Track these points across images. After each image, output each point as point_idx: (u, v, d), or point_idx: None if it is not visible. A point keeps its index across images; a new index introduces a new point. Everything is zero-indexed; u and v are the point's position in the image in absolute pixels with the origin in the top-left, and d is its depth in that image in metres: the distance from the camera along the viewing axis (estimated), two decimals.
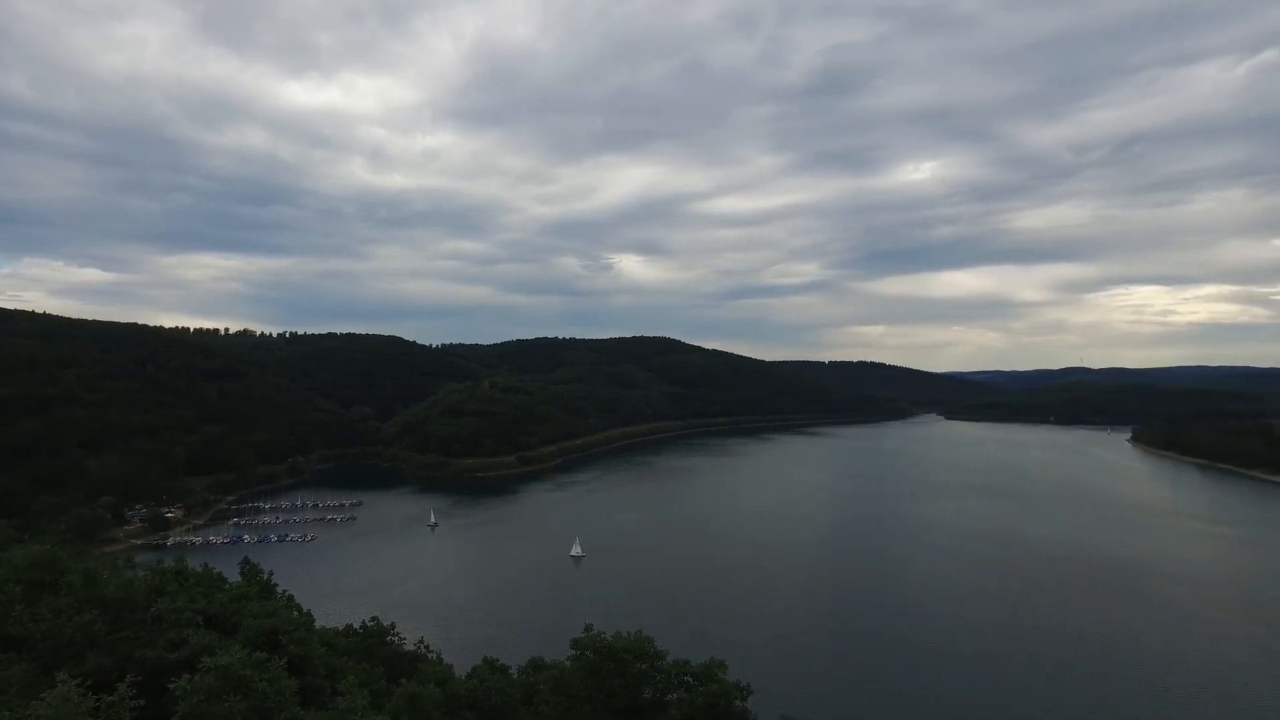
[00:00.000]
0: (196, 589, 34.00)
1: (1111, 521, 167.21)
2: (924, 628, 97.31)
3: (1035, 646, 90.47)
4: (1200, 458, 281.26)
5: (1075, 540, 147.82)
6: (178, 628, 28.02)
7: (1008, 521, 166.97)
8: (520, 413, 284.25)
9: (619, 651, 33.31)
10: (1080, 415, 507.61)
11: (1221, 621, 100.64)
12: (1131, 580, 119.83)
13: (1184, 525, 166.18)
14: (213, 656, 21.20)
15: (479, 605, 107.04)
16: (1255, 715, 73.20)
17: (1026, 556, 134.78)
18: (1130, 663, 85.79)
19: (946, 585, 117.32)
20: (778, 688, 69.09)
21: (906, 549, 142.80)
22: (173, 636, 27.33)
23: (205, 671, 20.36)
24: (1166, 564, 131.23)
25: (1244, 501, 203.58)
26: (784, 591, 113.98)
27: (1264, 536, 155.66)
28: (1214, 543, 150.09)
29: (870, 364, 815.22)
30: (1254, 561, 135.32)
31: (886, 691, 77.85)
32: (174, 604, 30.12)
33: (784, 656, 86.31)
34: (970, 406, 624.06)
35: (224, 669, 20.24)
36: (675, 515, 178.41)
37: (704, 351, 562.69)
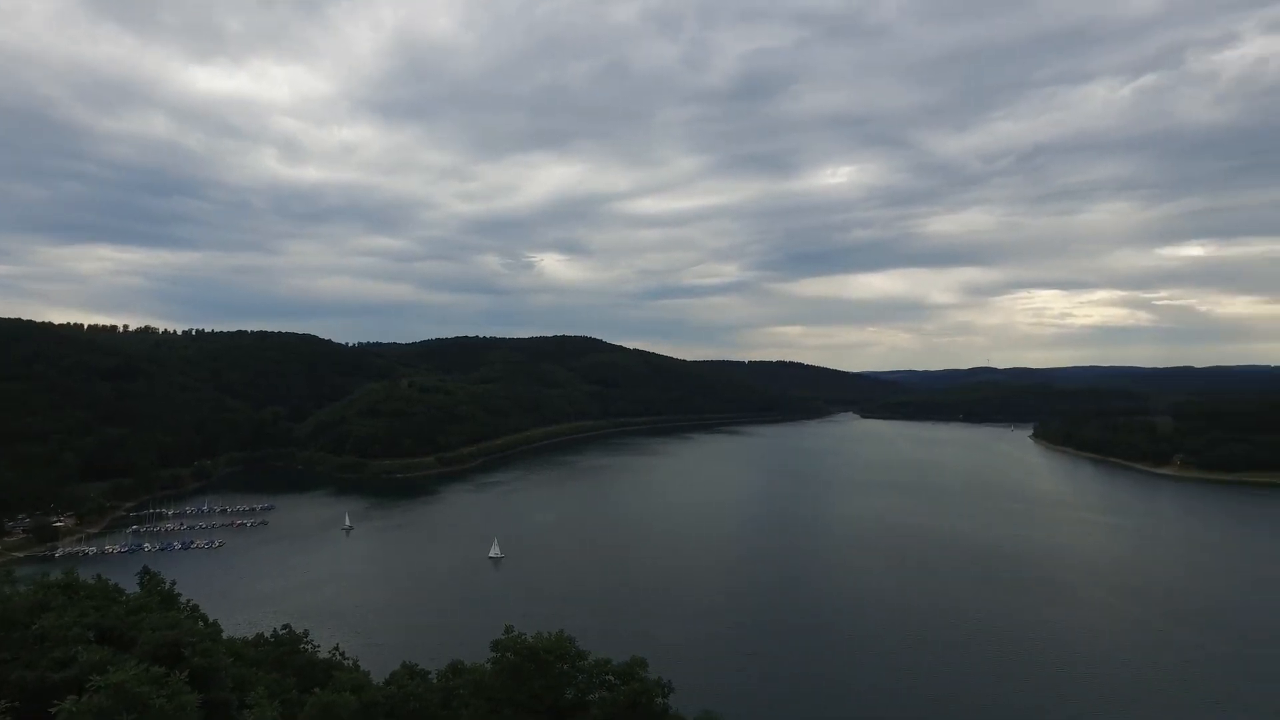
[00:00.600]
0: (88, 602, 31.82)
1: (1015, 514, 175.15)
2: (842, 619, 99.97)
3: (948, 632, 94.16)
4: (1093, 452, 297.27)
5: (982, 532, 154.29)
6: (65, 645, 26.06)
7: (920, 516, 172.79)
8: (440, 413, 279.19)
9: (540, 652, 32.91)
10: (987, 413, 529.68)
11: (1109, 603, 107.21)
12: (1032, 568, 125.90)
13: (1077, 515, 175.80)
14: (104, 674, 19.84)
15: (397, 609, 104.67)
16: (1139, 684, 78.47)
17: (938, 548, 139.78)
18: (1033, 643, 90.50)
19: (863, 577, 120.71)
20: (700, 683, 69.71)
21: (824, 543, 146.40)
22: (59, 655, 25.39)
23: (95, 691, 18.97)
24: (1062, 552, 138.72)
25: (1129, 492, 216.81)
26: (705, 588, 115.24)
27: (1144, 525, 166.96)
28: (1103, 531, 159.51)
29: (789, 364, 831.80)
30: (1136, 547, 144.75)
31: (805, 681, 79.56)
32: (61, 620, 27.98)
33: (706, 652, 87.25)
34: (885, 405, 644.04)
35: (117, 687, 18.93)
36: (597, 514, 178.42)
37: (625, 351, 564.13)
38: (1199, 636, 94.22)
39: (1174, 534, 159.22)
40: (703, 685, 69.91)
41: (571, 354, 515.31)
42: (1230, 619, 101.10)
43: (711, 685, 72.96)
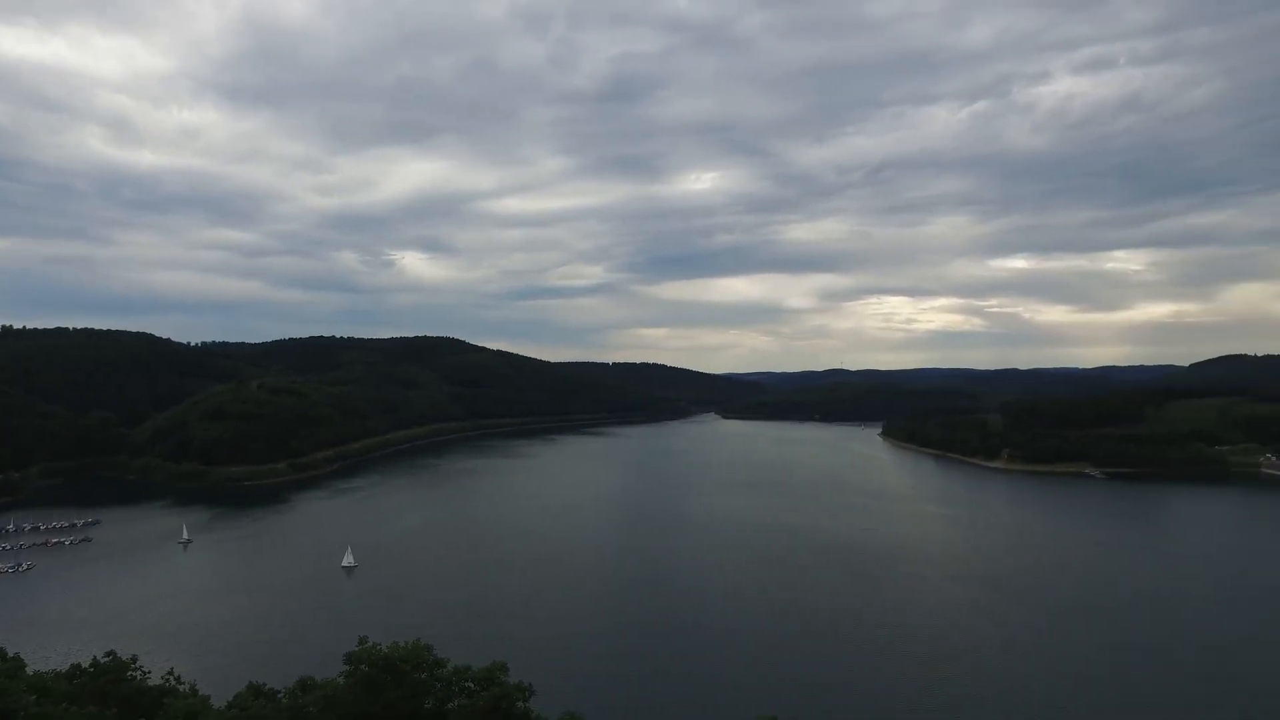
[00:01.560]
0: None
1: (866, 508, 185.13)
2: (705, 615, 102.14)
3: (807, 623, 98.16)
4: (934, 448, 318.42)
5: (837, 527, 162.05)
6: None
7: (779, 512, 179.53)
8: (293, 415, 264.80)
9: (396, 662, 31.84)
10: (840, 413, 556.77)
11: (948, 588, 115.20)
12: (881, 559, 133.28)
13: (921, 509, 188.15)
14: None
15: (240, 627, 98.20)
16: (977, 659, 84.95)
17: (796, 543, 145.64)
18: (884, 628, 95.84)
19: (726, 574, 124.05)
20: (563, 685, 69.50)
21: (688, 542, 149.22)
22: None
23: None
24: (907, 542, 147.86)
25: (964, 485, 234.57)
26: (570, 589, 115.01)
27: (977, 515, 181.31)
28: (942, 522, 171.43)
29: (653, 365, 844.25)
30: (969, 536, 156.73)
31: (670, 679, 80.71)
32: None
33: (570, 654, 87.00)
34: (745, 406, 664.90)
35: None
36: (458, 518, 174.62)
37: (489, 352, 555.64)
38: (1023, 611, 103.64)
39: (1001, 522, 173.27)
40: (566, 687, 69.70)
41: (434, 355, 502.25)
42: (1045, 594, 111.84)
43: (575, 687, 72.85)
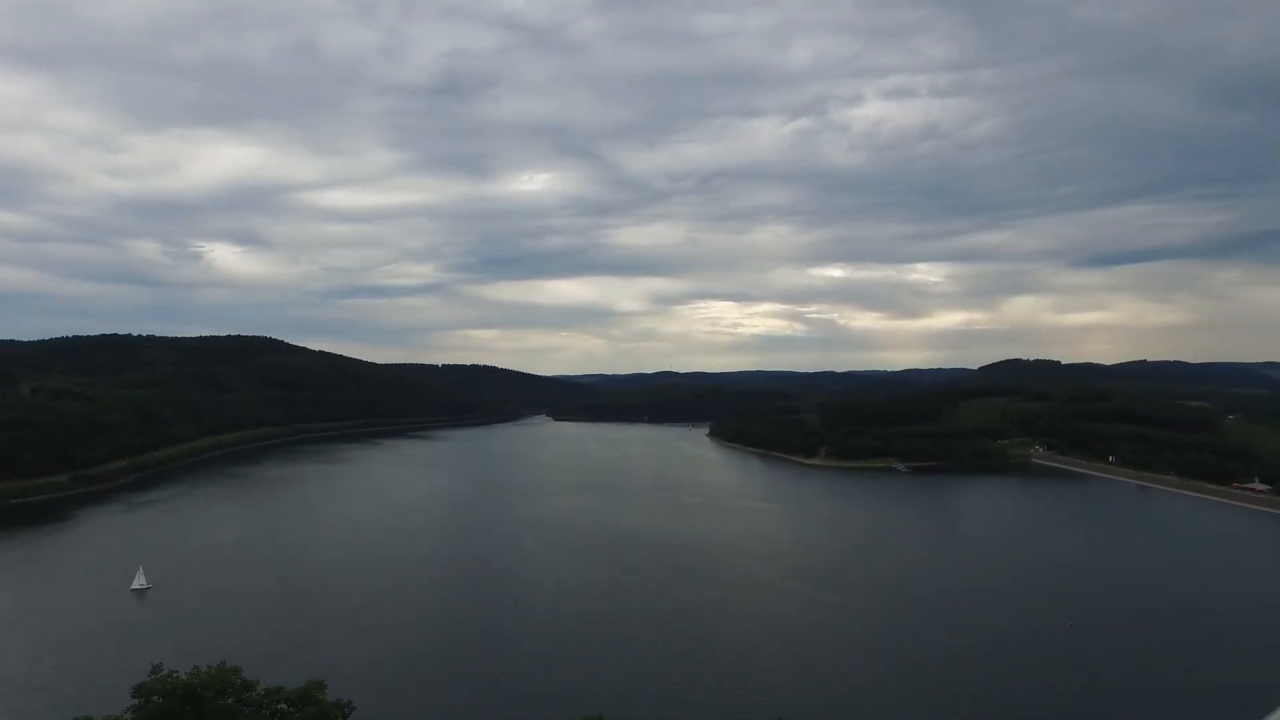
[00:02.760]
0: None
1: (695, 506, 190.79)
2: (535, 622, 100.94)
3: (638, 627, 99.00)
4: (759, 447, 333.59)
5: (666, 526, 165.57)
6: None
7: (610, 513, 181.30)
8: (78, 422, 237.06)
9: (197, 689, 29.01)
10: (669, 414, 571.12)
11: (777, 583, 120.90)
12: (712, 557, 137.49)
13: (746, 505, 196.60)
14: None
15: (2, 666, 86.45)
16: (806, 655, 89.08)
17: (626, 544, 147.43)
18: (716, 629, 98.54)
19: (554, 578, 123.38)
20: (386, 701, 66.49)
21: (516, 546, 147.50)
22: None
23: None
24: (736, 539, 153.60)
25: (786, 482, 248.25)
26: (394, 601, 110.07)
27: (798, 509, 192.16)
28: (767, 518, 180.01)
29: (484, 367, 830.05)
30: (791, 529, 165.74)
31: (495, 689, 79.08)
32: None
33: (393, 668, 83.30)
34: (576, 407, 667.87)
35: None
36: (274, 529, 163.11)
37: (311, 353, 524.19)
38: (840, 597, 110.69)
39: (819, 515, 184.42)
40: (388, 703, 66.79)
41: (249, 355, 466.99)
42: (859, 580, 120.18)
43: (399, 702, 69.97)
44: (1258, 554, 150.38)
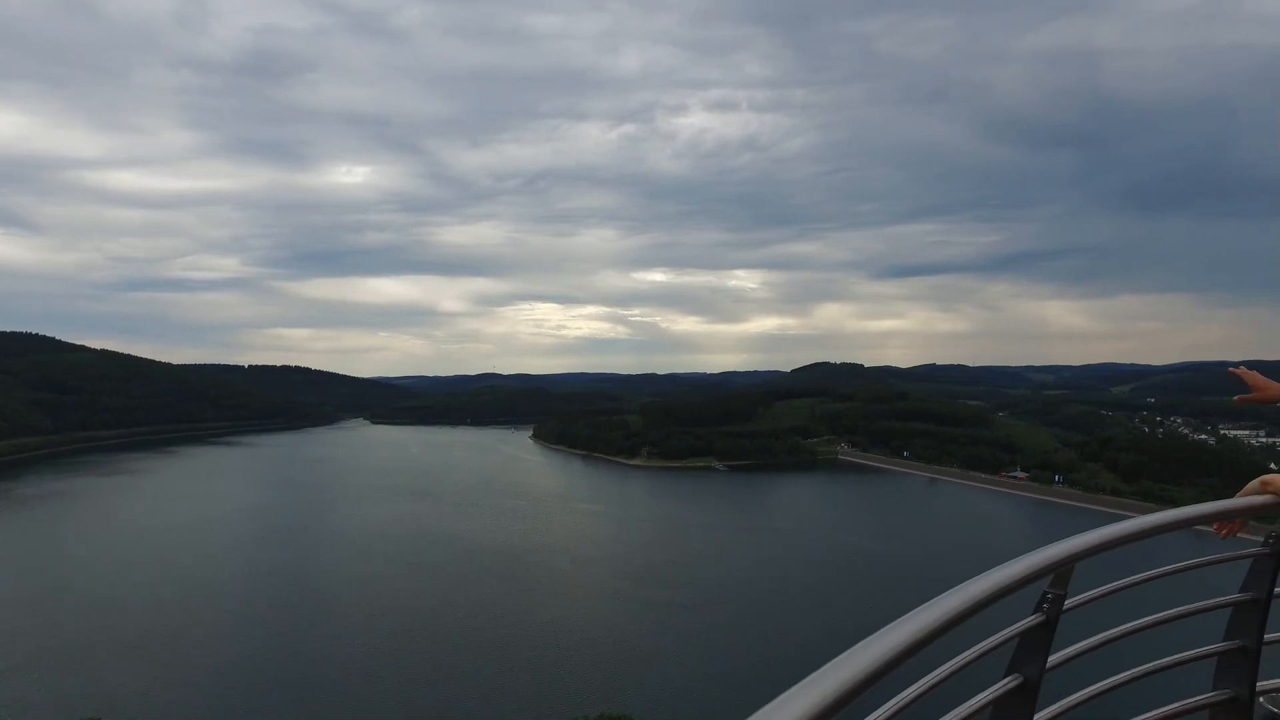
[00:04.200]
0: None
1: (519, 510, 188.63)
2: (351, 635, 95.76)
3: (459, 635, 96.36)
4: (582, 449, 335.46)
5: (489, 529, 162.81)
6: None
7: (431, 518, 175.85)
8: None
9: None
10: (493, 416, 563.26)
11: (600, 582, 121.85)
12: (537, 560, 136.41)
13: (570, 506, 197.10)
14: None
15: None
16: (633, 653, 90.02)
17: (449, 549, 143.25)
18: (539, 633, 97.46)
19: (371, 588, 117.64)
20: None
21: (330, 556, 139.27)
22: None
23: None
24: (561, 542, 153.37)
25: (609, 482, 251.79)
26: (192, 623, 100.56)
27: (622, 510, 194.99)
28: (591, 519, 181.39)
29: (296, 368, 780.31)
30: (618, 531, 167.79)
31: (312, 707, 74.20)
32: None
33: (187, 698, 76.06)
34: (397, 410, 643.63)
35: None
36: (38, 554, 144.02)
37: (91, 352, 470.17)
38: (665, 593, 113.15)
39: (642, 515, 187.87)
40: None
41: (9, 354, 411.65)
42: (681, 577, 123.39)
43: None
44: (1008, 530, 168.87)
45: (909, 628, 2.61)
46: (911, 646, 2.58)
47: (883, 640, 2.48)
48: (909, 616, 2.69)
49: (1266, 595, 4.35)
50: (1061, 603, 3.62)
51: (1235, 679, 4.40)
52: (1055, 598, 3.60)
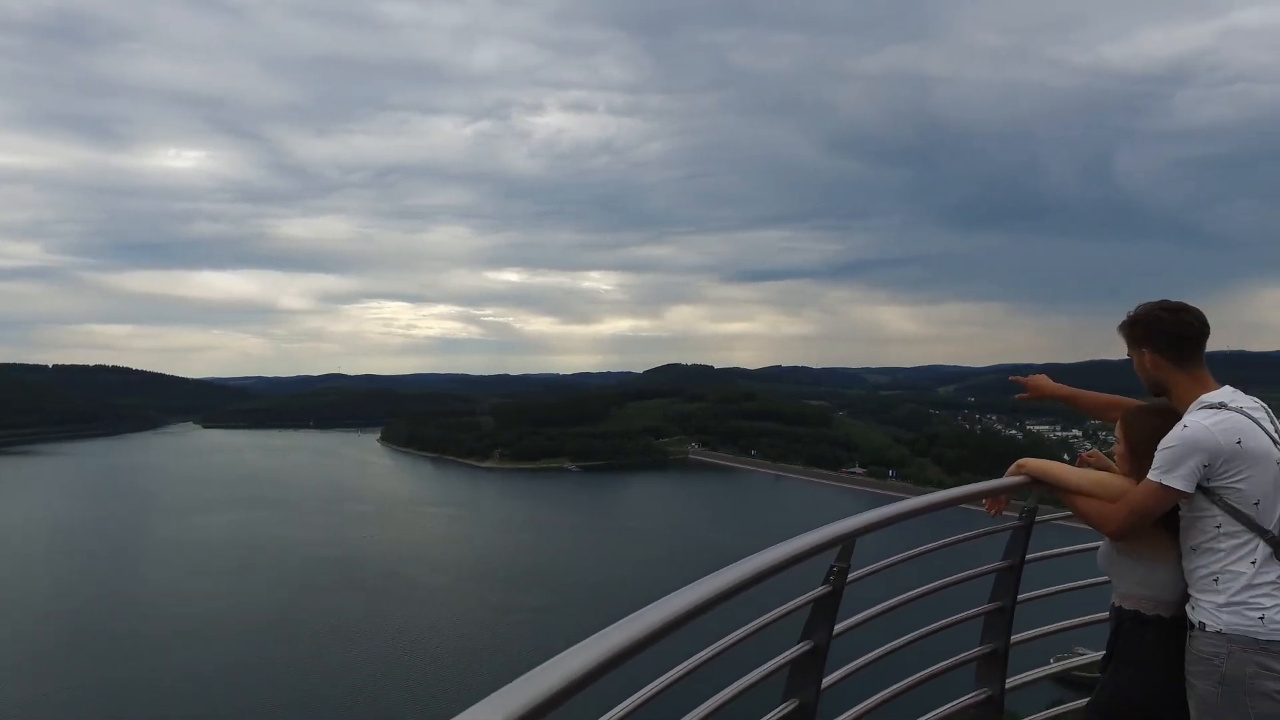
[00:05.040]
0: None
1: (365, 515, 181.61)
2: (181, 654, 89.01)
3: (296, 650, 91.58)
4: (433, 451, 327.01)
5: (335, 536, 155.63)
6: None
7: (270, 527, 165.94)
8: None
9: None
10: (338, 419, 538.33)
11: (448, 586, 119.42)
12: (387, 567, 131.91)
13: (420, 510, 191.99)
14: None
15: None
16: (479, 655, 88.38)
17: (290, 559, 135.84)
18: (390, 646, 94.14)
19: (204, 606, 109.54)
20: None
21: (156, 571, 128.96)
22: None
23: None
24: (409, 546, 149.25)
25: (461, 485, 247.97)
26: None
27: (473, 513, 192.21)
28: (441, 522, 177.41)
29: (113, 368, 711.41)
30: (468, 533, 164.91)
31: None
32: None
33: None
34: (231, 413, 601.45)
35: None
36: None
37: None
38: (519, 597, 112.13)
39: (493, 517, 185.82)
40: None
41: None
42: (534, 579, 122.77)
43: None
44: None
45: (704, 589, 2.96)
46: (705, 604, 2.90)
47: (678, 599, 2.77)
48: (706, 579, 3.03)
49: (1020, 560, 4.93)
50: (845, 574, 3.89)
51: (996, 634, 4.97)
52: (840, 570, 3.88)
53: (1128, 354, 4.15)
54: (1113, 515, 3.81)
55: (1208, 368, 4.00)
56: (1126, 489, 3.88)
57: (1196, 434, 3.57)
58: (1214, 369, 3.78)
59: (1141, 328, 4.02)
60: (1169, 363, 3.91)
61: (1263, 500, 3.47)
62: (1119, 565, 4.07)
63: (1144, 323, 4.01)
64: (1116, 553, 4.06)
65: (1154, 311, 3.97)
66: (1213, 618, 3.50)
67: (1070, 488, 4.15)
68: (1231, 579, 3.49)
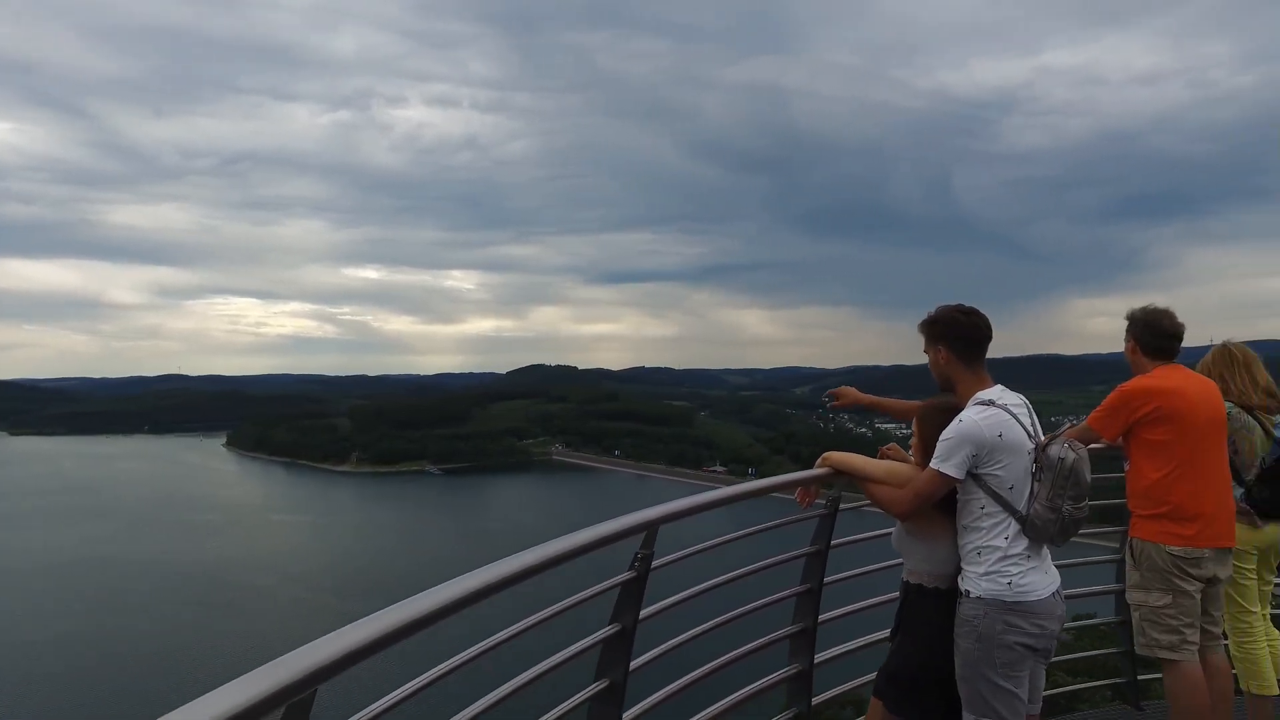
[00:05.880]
0: None
1: (210, 525, 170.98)
2: None
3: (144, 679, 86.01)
4: (285, 456, 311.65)
5: (175, 550, 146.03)
6: None
7: (98, 544, 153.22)
8: None
9: None
10: (177, 423, 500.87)
11: (303, 597, 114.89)
12: (234, 579, 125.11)
13: (272, 518, 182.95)
14: None
15: None
16: None
17: (124, 577, 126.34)
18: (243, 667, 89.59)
19: (20, 632, 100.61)
20: None
21: None
22: None
23: None
24: (261, 556, 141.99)
25: (315, 490, 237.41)
26: None
27: (329, 519, 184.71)
28: (295, 530, 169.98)
29: None
30: (322, 541, 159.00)
31: None
32: None
33: None
34: (48, 418, 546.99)
35: None
36: None
37: None
38: (373, 603, 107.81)
39: (351, 522, 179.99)
40: None
41: None
42: (389, 585, 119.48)
43: None
44: None
45: (509, 565, 3.22)
46: (507, 580, 3.15)
47: (483, 574, 3.09)
48: (515, 557, 3.22)
49: (826, 546, 5.34)
50: (650, 560, 4.13)
51: (806, 614, 5.40)
52: (644, 556, 4.13)
53: (924, 350, 4.58)
54: (900, 500, 4.37)
55: (988, 370, 4.55)
56: (914, 477, 4.43)
57: (968, 428, 4.10)
58: (1031, 370, 4.96)
59: (940, 327, 4.44)
60: (959, 361, 4.40)
61: (1016, 485, 4.10)
62: (908, 545, 4.57)
63: (943, 322, 4.43)
64: (906, 534, 4.56)
65: (952, 313, 4.41)
66: (975, 585, 4.11)
67: (867, 477, 4.60)
68: (990, 552, 4.09)
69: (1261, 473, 5.84)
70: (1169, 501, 5.29)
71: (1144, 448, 5.49)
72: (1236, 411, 5.88)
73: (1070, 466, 4.09)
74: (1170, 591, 5.18)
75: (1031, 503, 4.16)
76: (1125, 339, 5.93)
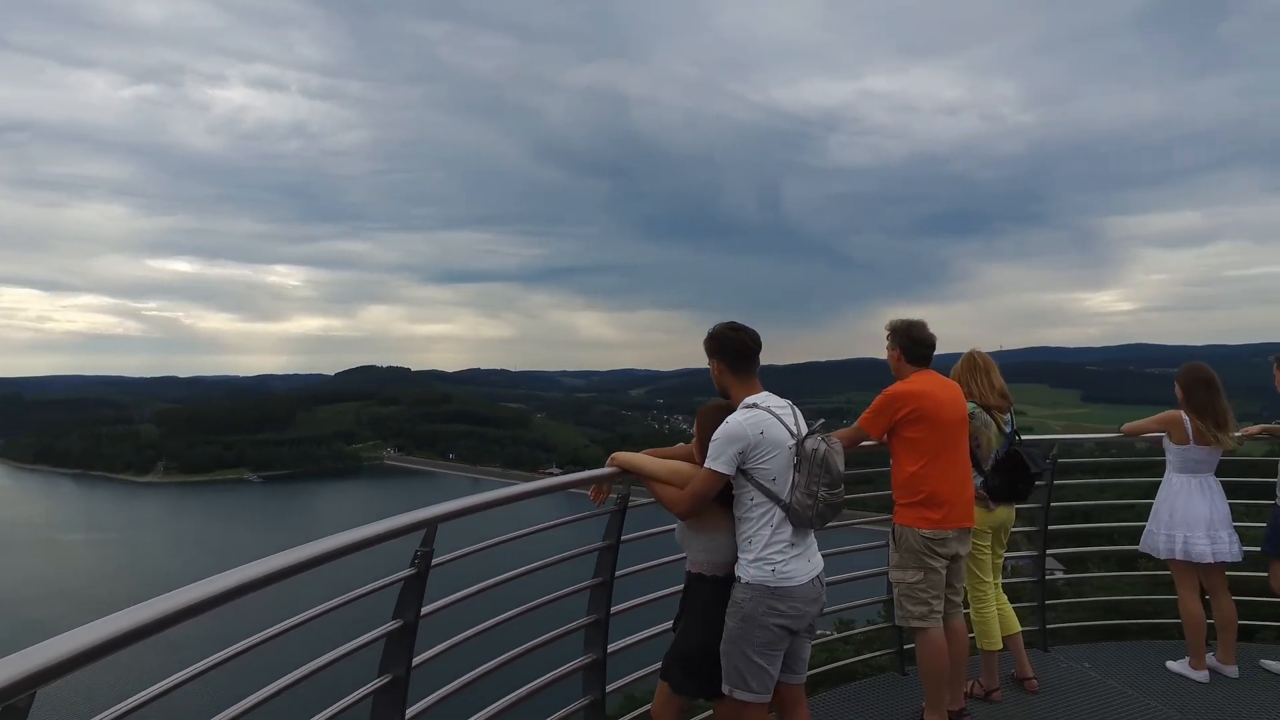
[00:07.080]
0: None
1: None
2: None
3: None
4: (74, 467, 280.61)
5: None
6: None
7: None
8: None
9: None
10: None
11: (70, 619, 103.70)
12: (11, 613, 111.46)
13: (60, 538, 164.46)
14: None
15: None
16: None
17: None
18: None
19: None
20: None
21: None
22: None
23: None
24: (46, 583, 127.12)
25: (113, 504, 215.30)
26: None
27: (131, 536, 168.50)
28: (90, 550, 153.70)
29: None
30: (123, 561, 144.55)
31: None
32: None
33: None
34: None
35: None
36: None
37: None
38: (189, 628, 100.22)
39: (156, 539, 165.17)
40: None
41: None
42: None
43: None
44: None
45: (281, 560, 3.18)
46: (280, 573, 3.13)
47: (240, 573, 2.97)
48: (287, 552, 3.19)
49: (617, 540, 5.69)
50: (430, 558, 4.23)
51: (599, 607, 5.61)
52: (424, 554, 4.23)
53: (708, 363, 5.00)
54: (680, 499, 4.69)
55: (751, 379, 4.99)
56: (694, 476, 4.75)
57: (732, 428, 4.54)
58: (856, 371, 5.61)
59: (714, 342, 4.91)
60: (730, 372, 4.87)
61: (779, 477, 4.53)
62: (689, 538, 4.91)
63: (716, 339, 4.90)
64: (687, 528, 4.90)
65: (724, 330, 4.89)
66: (745, 571, 4.52)
67: (651, 476, 4.97)
68: (759, 540, 4.51)
69: (995, 463, 6.91)
70: (923, 490, 6.03)
71: (903, 444, 6.28)
72: (978, 411, 6.92)
73: (822, 456, 4.58)
74: (922, 569, 5.97)
75: (793, 491, 4.59)
76: (889, 347, 6.68)
